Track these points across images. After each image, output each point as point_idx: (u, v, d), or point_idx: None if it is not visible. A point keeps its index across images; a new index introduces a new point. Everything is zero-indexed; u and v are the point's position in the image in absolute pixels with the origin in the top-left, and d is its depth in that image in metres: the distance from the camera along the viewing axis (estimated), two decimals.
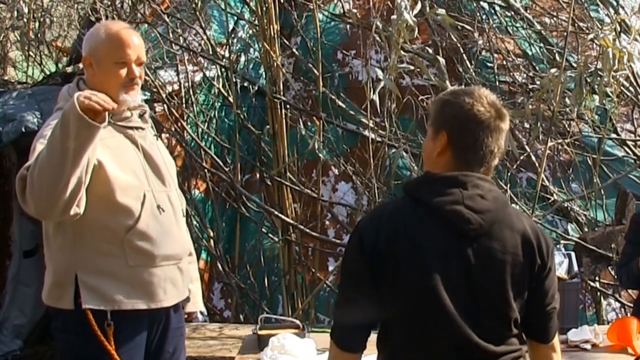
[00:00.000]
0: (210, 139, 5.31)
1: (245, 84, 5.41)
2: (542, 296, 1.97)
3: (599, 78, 3.93)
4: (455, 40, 4.72)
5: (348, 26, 5.71)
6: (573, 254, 3.86)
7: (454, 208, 1.87)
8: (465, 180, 1.90)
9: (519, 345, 1.97)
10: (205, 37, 5.24)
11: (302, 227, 4.87)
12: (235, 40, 5.53)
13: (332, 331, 2.00)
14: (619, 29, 4.01)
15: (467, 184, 1.89)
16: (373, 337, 2.00)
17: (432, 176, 1.95)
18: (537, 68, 5.41)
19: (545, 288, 1.97)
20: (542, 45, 5.41)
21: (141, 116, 2.60)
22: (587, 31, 4.98)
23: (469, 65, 5.24)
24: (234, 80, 5.08)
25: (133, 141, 2.53)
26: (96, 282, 2.39)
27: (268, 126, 4.94)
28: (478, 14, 5.43)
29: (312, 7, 5.05)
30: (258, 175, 5.46)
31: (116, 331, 2.41)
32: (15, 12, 5.53)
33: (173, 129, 5.09)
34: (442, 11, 3.98)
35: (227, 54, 5.28)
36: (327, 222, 5.31)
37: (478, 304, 1.88)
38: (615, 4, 5.22)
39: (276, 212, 4.83)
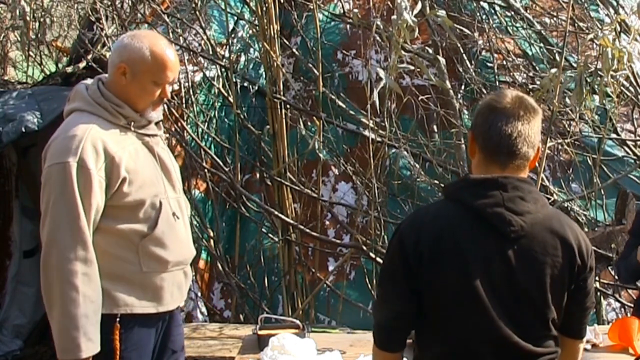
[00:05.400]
0: (210, 139, 5.30)
1: (245, 84, 5.41)
2: (584, 295, 2.01)
3: (599, 78, 3.92)
4: (455, 40, 4.71)
5: (348, 26, 5.70)
6: None
7: (495, 210, 1.89)
8: (505, 182, 1.92)
9: (555, 347, 1.99)
10: (205, 37, 5.23)
11: (302, 227, 4.86)
12: (235, 40, 5.52)
13: (373, 330, 2.03)
14: (619, 29, 4.01)
15: (507, 186, 1.91)
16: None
17: (471, 179, 1.97)
18: (537, 68, 5.41)
19: (587, 287, 2.01)
20: (542, 45, 5.40)
21: (156, 123, 2.63)
22: (587, 31, 4.97)
23: (469, 65, 5.23)
24: (234, 80, 5.07)
25: (150, 148, 2.55)
26: (109, 286, 2.39)
27: (268, 126, 4.94)
28: (478, 14, 5.43)
29: (312, 7, 5.05)
30: (258, 175, 5.45)
31: (124, 332, 2.42)
32: (16, 12, 5.52)
33: (173, 129, 5.08)
34: (442, 12, 3.98)
35: (227, 54, 5.27)
36: (327, 222, 5.30)
37: (519, 304, 1.90)
38: (615, 4, 5.22)
39: (276, 212, 4.83)
